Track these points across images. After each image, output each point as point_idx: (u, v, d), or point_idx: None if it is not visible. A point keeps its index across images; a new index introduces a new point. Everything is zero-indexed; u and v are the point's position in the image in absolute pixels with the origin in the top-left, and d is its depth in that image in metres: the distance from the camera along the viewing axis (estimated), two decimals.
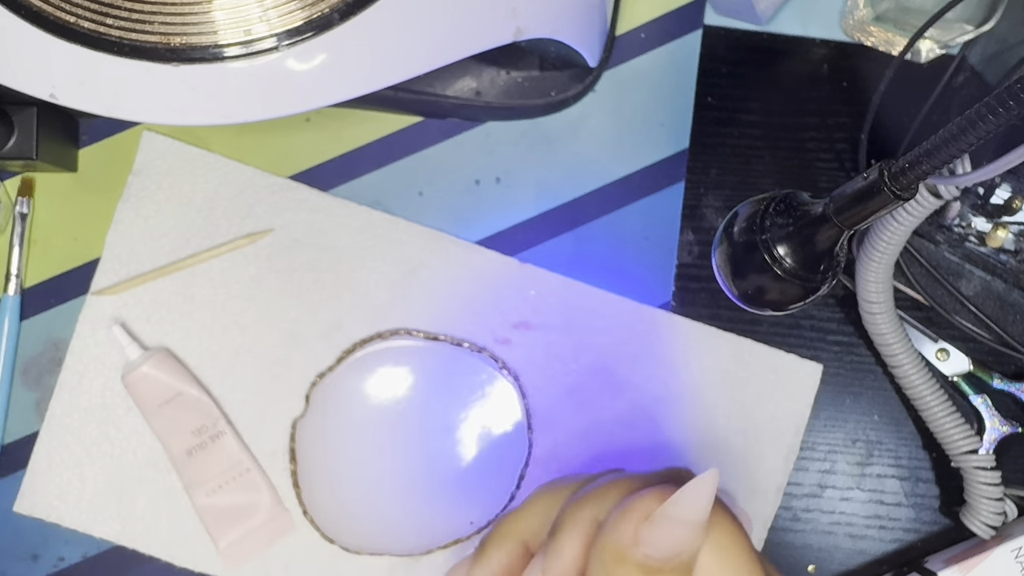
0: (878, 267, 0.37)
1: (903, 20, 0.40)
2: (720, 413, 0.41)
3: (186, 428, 0.39)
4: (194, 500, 0.39)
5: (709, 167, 0.42)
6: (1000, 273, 0.39)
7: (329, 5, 0.30)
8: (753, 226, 0.31)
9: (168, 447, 0.39)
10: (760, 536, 0.41)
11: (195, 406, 0.39)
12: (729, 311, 0.41)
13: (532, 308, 0.41)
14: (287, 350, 0.40)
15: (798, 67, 0.42)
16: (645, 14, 0.42)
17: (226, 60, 0.30)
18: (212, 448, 0.39)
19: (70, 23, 0.30)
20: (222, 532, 0.39)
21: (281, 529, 0.40)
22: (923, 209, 0.35)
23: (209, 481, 0.39)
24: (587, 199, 0.41)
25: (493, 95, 0.39)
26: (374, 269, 0.40)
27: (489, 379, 0.40)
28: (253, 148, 0.41)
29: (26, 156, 0.37)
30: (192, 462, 0.39)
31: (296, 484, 0.40)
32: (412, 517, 0.40)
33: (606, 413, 0.41)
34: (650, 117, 0.41)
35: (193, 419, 0.39)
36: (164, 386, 0.39)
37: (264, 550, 0.40)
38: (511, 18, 0.33)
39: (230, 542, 0.39)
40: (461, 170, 0.41)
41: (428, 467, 0.40)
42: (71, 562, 0.40)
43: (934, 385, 0.39)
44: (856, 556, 0.41)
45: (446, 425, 0.40)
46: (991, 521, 0.39)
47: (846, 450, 0.41)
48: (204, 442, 0.39)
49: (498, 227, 0.41)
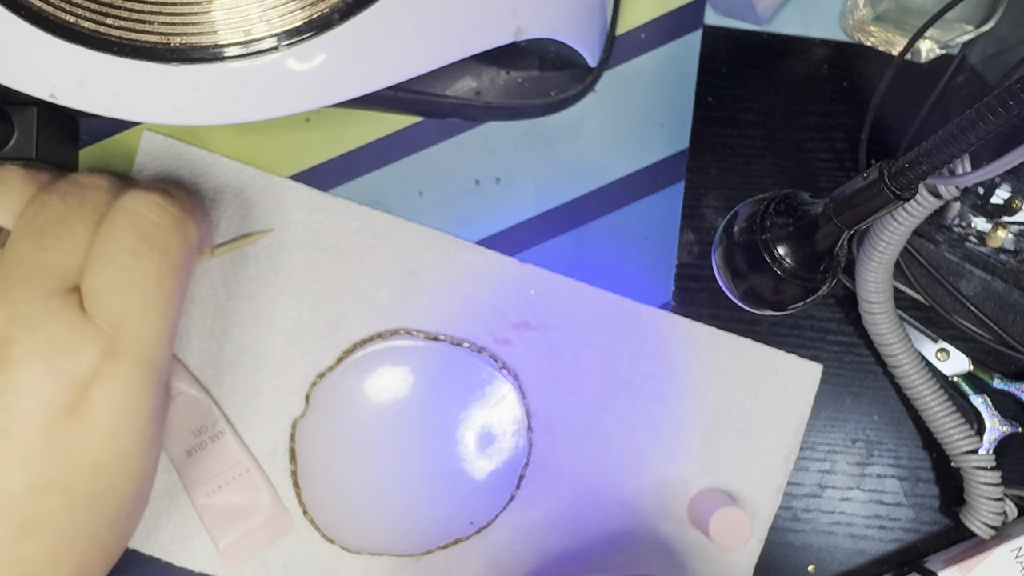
0: (878, 267, 0.37)
1: (903, 20, 0.40)
2: (720, 413, 0.41)
3: (186, 428, 0.39)
4: (194, 500, 0.39)
5: (709, 167, 0.42)
6: (1000, 273, 0.39)
7: (329, 5, 0.30)
8: (753, 226, 0.31)
9: (168, 447, 0.39)
10: (760, 536, 0.41)
11: (195, 406, 0.39)
12: (729, 311, 0.41)
13: (532, 308, 0.41)
14: (287, 350, 0.40)
15: (798, 67, 0.42)
16: (645, 14, 0.42)
17: (226, 60, 0.30)
18: (212, 448, 0.39)
19: (70, 23, 0.30)
20: (222, 532, 0.39)
21: (281, 529, 0.40)
22: (923, 209, 0.35)
23: (209, 481, 0.39)
24: (587, 199, 0.41)
25: (493, 95, 0.39)
26: (374, 269, 0.40)
27: (489, 379, 0.40)
28: (253, 148, 0.41)
29: (26, 156, 0.37)
30: (192, 462, 0.39)
31: (296, 484, 0.40)
32: (412, 517, 0.40)
33: (606, 413, 0.41)
34: (650, 117, 0.41)
35: (193, 419, 0.39)
36: None
37: (264, 550, 0.40)
38: (511, 18, 0.33)
39: (230, 542, 0.39)
40: (461, 170, 0.41)
41: (428, 467, 0.40)
42: None
43: (934, 385, 0.39)
44: (856, 556, 0.41)
45: (446, 425, 0.40)
46: (991, 521, 0.39)
47: (846, 450, 0.41)
48: (204, 442, 0.39)
49: (498, 227, 0.41)
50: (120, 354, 0.29)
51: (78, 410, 0.28)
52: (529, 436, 0.40)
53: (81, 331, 0.29)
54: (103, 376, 0.29)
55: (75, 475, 0.29)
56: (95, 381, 0.29)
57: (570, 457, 0.41)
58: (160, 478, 0.40)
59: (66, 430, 0.28)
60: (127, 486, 0.30)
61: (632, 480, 0.41)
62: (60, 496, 0.28)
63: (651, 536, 0.41)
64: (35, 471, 0.28)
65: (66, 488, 0.28)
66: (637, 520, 0.41)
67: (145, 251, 0.30)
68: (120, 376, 0.29)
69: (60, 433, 0.28)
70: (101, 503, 0.29)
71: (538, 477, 0.41)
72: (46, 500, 0.28)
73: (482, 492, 0.40)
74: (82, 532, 0.29)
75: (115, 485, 0.30)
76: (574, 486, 0.41)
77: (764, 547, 0.41)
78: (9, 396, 0.28)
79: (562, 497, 0.41)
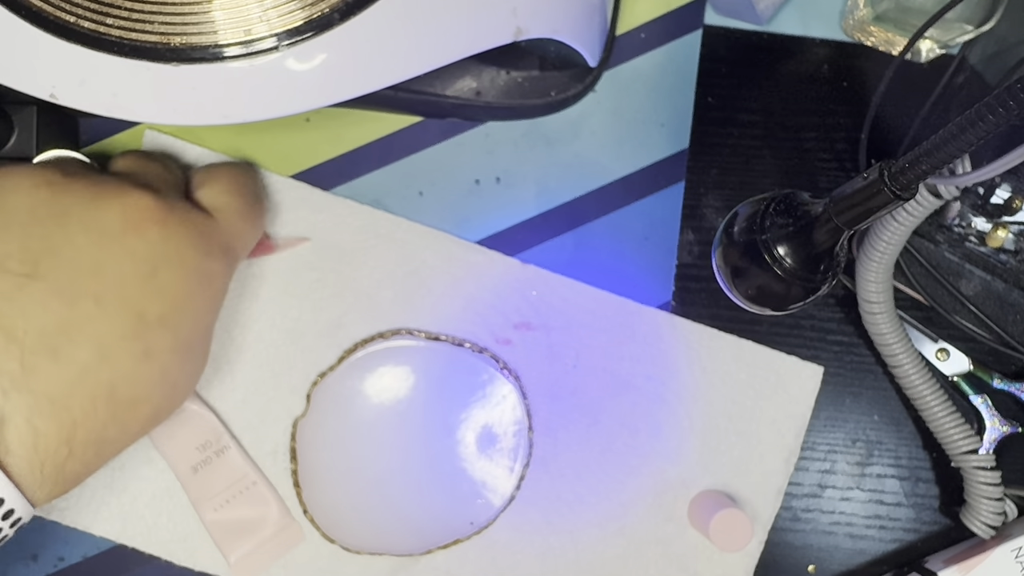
0: (878, 267, 0.37)
1: (903, 20, 0.40)
2: (721, 415, 0.41)
3: (190, 444, 0.39)
4: (202, 516, 0.39)
5: (709, 167, 0.42)
6: (1000, 273, 0.39)
7: (329, 5, 0.30)
8: (753, 226, 0.31)
9: (174, 465, 0.39)
10: (760, 537, 0.41)
11: (197, 421, 0.39)
12: (729, 311, 0.41)
13: (533, 309, 0.41)
14: (288, 349, 0.40)
15: (798, 67, 0.42)
16: (645, 14, 0.42)
17: (226, 60, 0.30)
18: (217, 463, 0.39)
19: (70, 23, 0.30)
20: (232, 546, 0.39)
21: (291, 540, 0.40)
22: (923, 209, 0.35)
23: (216, 496, 0.39)
24: (587, 199, 0.41)
25: (493, 95, 0.39)
26: (376, 269, 0.40)
27: (490, 379, 0.40)
28: (253, 148, 0.41)
29: (26, 156, 0.37)
30: (198, 478, 0.39)
31: (296, 483, 0.40)
32: (412, 517, 0.40)
33: (606, 414, 0.41)
34: (650, 117, 0.41)
35: (197, 435, 0.39)
36: None
37: (274, 562, 0.40)
38: (511, 18, 0.33)
39: (240, 556, 0.39)
40: (461, 170, 0.41)
41: (429, 467, 0.40)
42: (71, 562, 0.40)
43: (934, 385, 0.39)
44: (856, 556, 0.41)
45: (447, 425, 0.40)
46: (991, 521, 0.39)
47: (846, 450, 0.41)
48: (209, 457, 0.39)
49: (498, 227, 0.41)
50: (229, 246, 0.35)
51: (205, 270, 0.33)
52: (530, 436, 0.40)
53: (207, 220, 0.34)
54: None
55: (180, 320, 0.33)
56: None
57: (570, 458, 0.41)
58: (161, 476, 0.40)
59: (197, 286, 0.33)
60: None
61: (632, 481, 0.41)
62: (172, 335, 0.32)
63: (651, 537, 0.41)
64: (166, 309, 0.32)
65: (176, 328, 0.32)
66: (637, 521, 0.41)
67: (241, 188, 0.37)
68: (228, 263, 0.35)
69: (194, 281, 0.33)
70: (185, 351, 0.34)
71: (538, 477, 0.41)
72: (164, 335, 0.32)
73: (482, 492, 0.40)
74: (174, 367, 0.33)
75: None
76: (574, 487, 0.41)
77: (764, 547, 0.41)
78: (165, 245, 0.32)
79: (562, 497, 0.41)
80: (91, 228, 0.30)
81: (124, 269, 0.31)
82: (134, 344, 0.31)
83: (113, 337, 0.30)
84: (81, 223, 0.30)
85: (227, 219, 0.35)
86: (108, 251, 0.30)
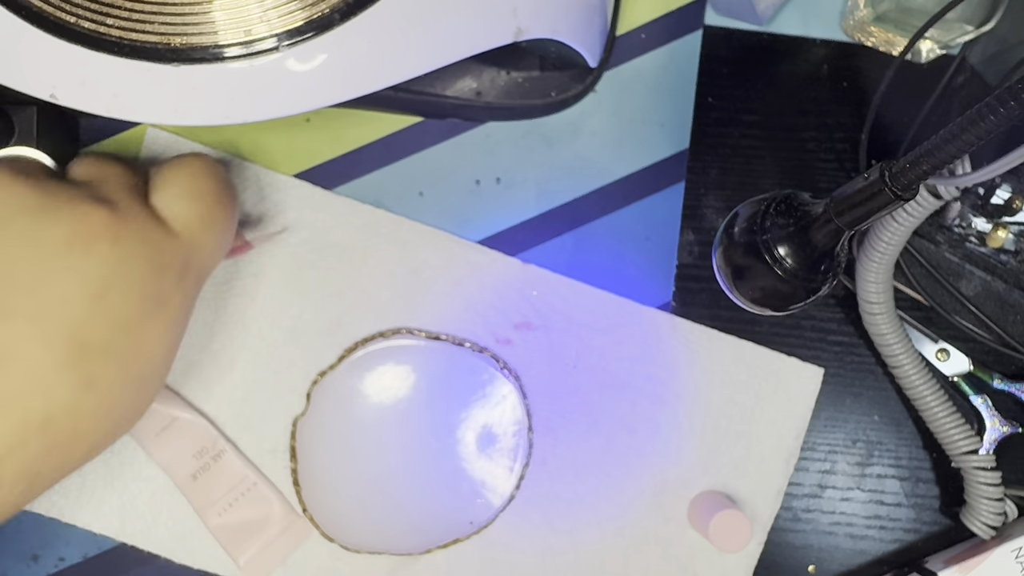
0: (878, 267, 0.37)
1: (903, 20, 0.40)
2: (721, 415, 0.41)
3: (187, 453, 0.39)
4: (207, 522, 0.39)
5: (709, 167, 0.42)
6: (1000, 273, 0.39)
7: (329, 5, 0.30)
8: (753, 226, 0.31)
9: (173, 476, 0.39)
10: (760, 538, 0.41)
11: (191, 430, 0.39)
12: (729, 311, 0.41)
13: (534, 309, 0.41)
14: (289, 348, 0.40)
15: (798, 67, 0.42)
16: (645, 14, 0.42)
17: (226, 60, 0.30)
18: (215, 468, 0.39)
19: (70, 23, 0.30)
20: (240, 549, 0.39)
21: (298, 536, 0.40)
22: (923, 209, 0.35)
23: (218, 501, 0.39)
24: (587, 199, 0.41)
25: (493, 95, 0.39)
26: (377, 268, 0.40)
27: (490, 379, 0.40)
28: (253, 148, 0.41)
29: None
30: (198, 486, 0.39)
31: (296, 482, 0.40)
32: (412, 516, 0.40)
33: (606, 414, 0.41)
34: (650, 117, 0.41)
35: (192, 443, 0.39)
36: (157, 415, 0.39)
37: (284, 560, 0.40)
38: (511, 18, 0.33)
39: (249, 557, 0.39)
40: (461, 170, 0.41)
41: (428, 466, 0.40)
42: (71, 562, 0.40)
43: (934, 385, 0.39)
44: (856, 556, 0.41)
45: (447, 424, 0.40)
46: (991, 521, 0.39)
47: (846, 450, 0.41)
48: (207, 463, 0.39)
49: (498, 227, 0.41)
50: (191, 260, 0.32)
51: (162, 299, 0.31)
52: (529, 436, 0.40)
53: (164, 230, 0.31)
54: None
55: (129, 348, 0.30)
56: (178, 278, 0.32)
57: (570, 458, 0.41)
58: (161, 475, 0.40)
59: (152, 310, 0.30)
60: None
61: (632, 482, 0.41)
62: (120, 365, 0.30)
63: (651, 537, 0.41)
64: (114, 335, 0.29)
65: (124, 358, 0.30)
66: (637, 521, 0.41)
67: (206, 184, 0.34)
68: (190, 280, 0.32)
69: (149, 305, 0.30)
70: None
71: (538, 477, 0.41)
72: (110, 364, 0.29)
73: (482, 492, 0.40)
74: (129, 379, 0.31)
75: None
76: (574, 487, 0.41)
77: (764, 547, 0.41)
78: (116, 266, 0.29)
79: (562, 497, 0.41)
80: (33, 241, 0.28)
81: (68, 289, 0.28)
82: (74, 373, 0.28)
83: (49, 364, 0.27)
84: (23, 234, 0.28)
85: (187, 229, 0.32)
86: (50, 268, 0.28)
